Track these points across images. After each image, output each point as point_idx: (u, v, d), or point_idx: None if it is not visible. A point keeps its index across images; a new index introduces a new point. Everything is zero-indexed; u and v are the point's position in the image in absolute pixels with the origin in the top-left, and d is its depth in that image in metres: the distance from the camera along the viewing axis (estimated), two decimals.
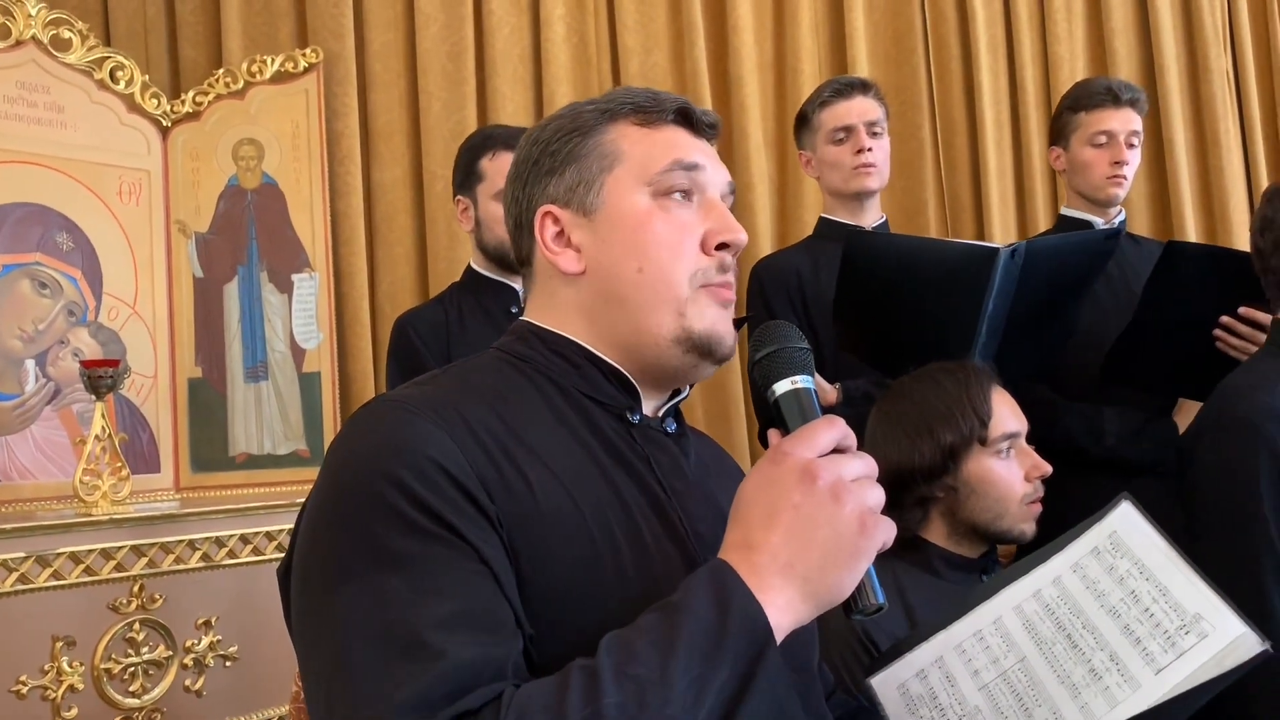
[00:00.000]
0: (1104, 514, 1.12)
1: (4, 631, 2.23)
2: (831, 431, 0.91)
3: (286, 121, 3.19)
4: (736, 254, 1.06)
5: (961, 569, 1.66)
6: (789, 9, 3.46)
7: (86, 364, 2.56)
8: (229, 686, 2.51)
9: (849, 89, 2.50)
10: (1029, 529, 1.66)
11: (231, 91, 3.21)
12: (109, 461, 2.55)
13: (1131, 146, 2.44)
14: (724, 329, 1.04)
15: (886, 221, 2.60)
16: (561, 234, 1.06)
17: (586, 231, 1.05)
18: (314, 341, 3.13)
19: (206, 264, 3.17)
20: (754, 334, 1.01)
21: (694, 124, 1.09)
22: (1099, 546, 1.10)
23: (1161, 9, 3.36)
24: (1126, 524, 1.09)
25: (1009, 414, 1.68)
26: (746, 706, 0.81)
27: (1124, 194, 2.48)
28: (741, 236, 1.05)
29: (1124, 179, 2.45)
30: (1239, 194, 3.29)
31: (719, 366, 1.07)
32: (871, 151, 2.45)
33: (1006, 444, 1.66)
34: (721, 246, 1.04)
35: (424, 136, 3.39)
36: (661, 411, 1.09)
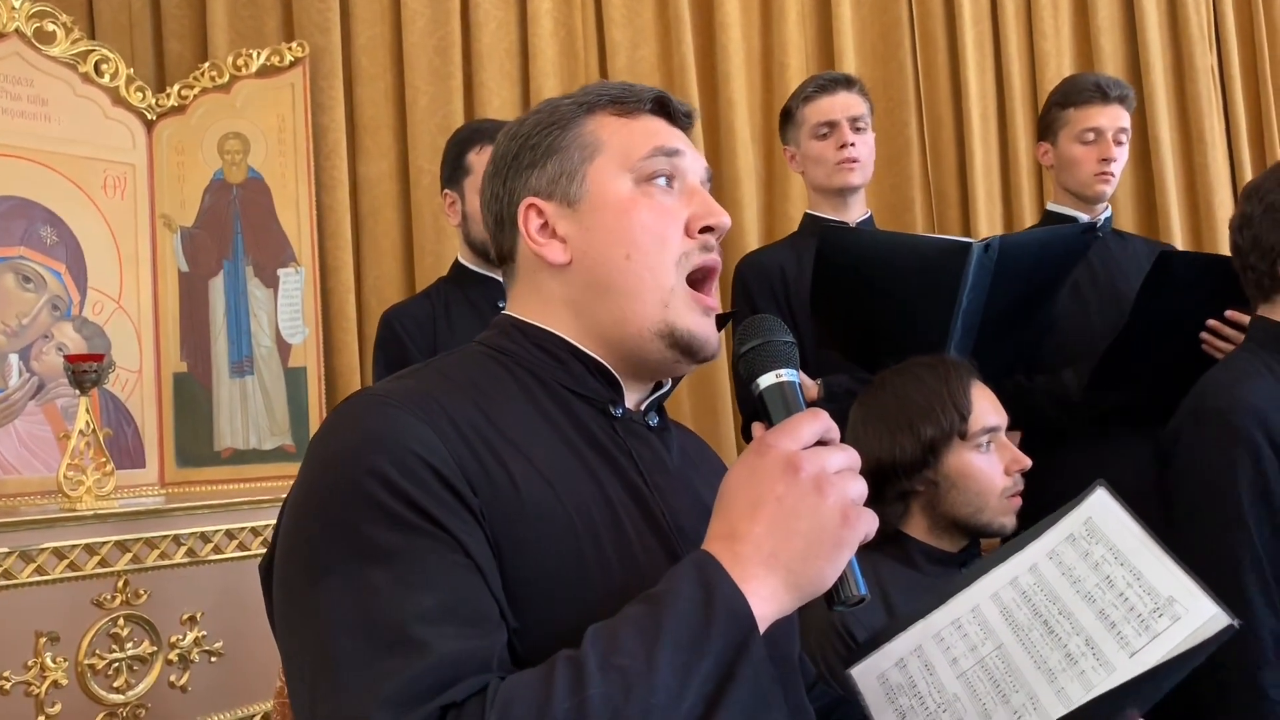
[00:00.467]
0: (1079, 501, 1.13)
1: None
2: (815, 424, 0.92)
3: (272, 115, 3.18)
4: (720, 237, 1.07)
5: (941, 563, 1.67)
6: (776, 5, 3.47)
7: (71, 358, 2.55)
8: (214, 682, 2.50)
9: (833, 84, 2.50)
10: (1009, 522, 1.67)
11: (217, 85, 3.21)
12: (93, 456, 2.54)
13: (1119, 143, 2.45)
14: (707, 332, 1.05)
15: (871, 217, 2.61)
16: (546, 226, 1.06)
17: (571, 221, 1.05)
18: (300, 336, 3.13)
19: (192, 258, 3.16)
20: (739, 328, 1.01)
21: (670, 113, 1.10)
22: (1074, 533, 1.11)
23: (1147, 6, 3.37)
24: (1101, 510, 1.10)
25: (989, 408, 1.69)
26: (731, 695, 0.81)
27: (1111, 190, 2.49)
28: (725, 219, 1.06)
29: (1111, 176, 2.45)
30: (1224, 191, 3.31)
31: (698, 365, 1.08)
32: (855, 147, 2.46)
33: (986, 438, 1.67)
34: (705, 231, 1.05)
35: (410, 131, 3.39)
36: (644, 405, 1.09)
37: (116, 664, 2.37)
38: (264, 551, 0.98)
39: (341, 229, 3.30)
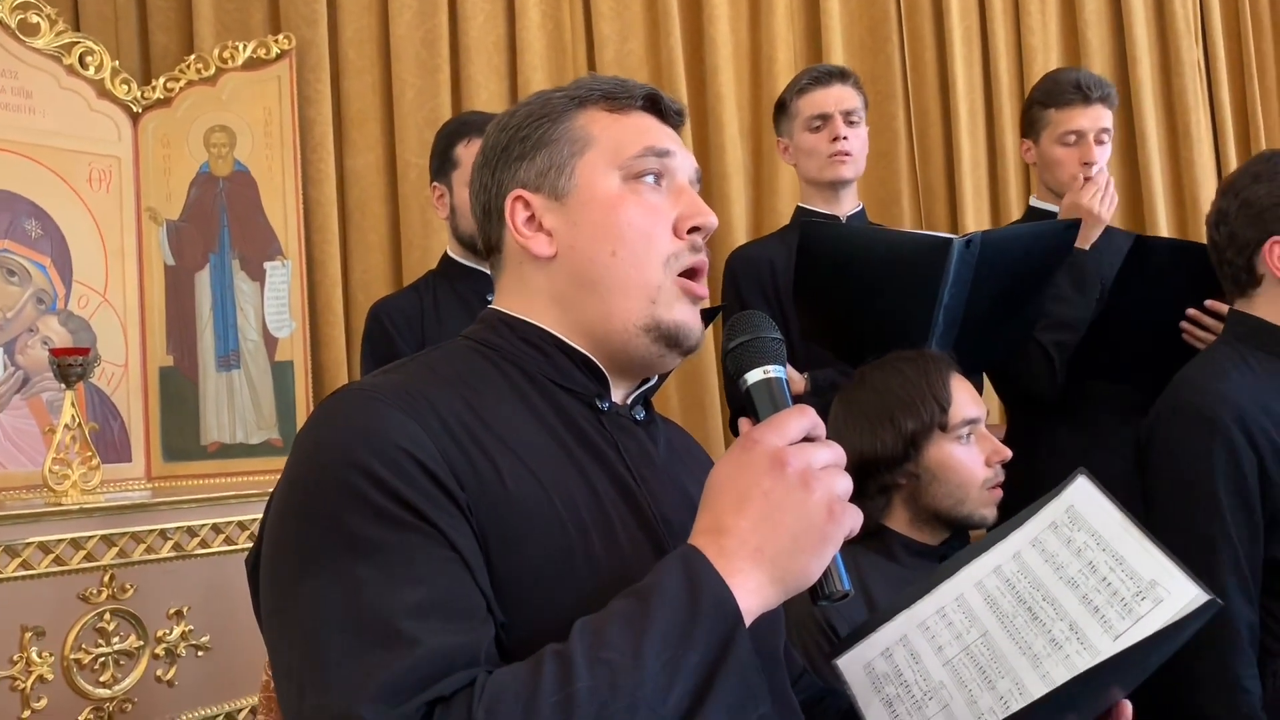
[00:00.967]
0: (1061, 489, 1.15)
1: None
2: (802, 420, 0.92)
3: (259, 108, 3.17)
4: (707, 236, 1.07)
5: (922, 555, 1.68)
6: None
7: (56, 352, 2.54)
8: (201, 677, 2.50)
9: (827, 77, 2.50)
10: (990, 514, 1.68)
11: (203, 78, 3.19)
12: (79, 451, 2.52)
13: (1101, 143, 2.45)
14: (693, 322, 1.05)
15: (863, 210, 2.61)
16: (533, 218, 1.06)
17: (558, 215, 1.05)
18: (286, 330, 3.12)
19: (178, 252, 3.15)
20: (728, 323, 1.02)
21: (662, 111, 1.11)
22: (1057, 521, 1.12)
23: (1134, 1, 3.38)
24: (1083, 498, 1.11)
25: (968, 400, 1.70)
26: (717, 688, 0.81)
27: None
28: (712, 220, 1.06)
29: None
30: (1209, 185, 3.32)
31: (684, 357, 1.08)
32: (847, 140, 2.46)
33: (967, 430, 1.68)
34: (693, 230, 1.05)
35: (397, 124, 3.38)
36: (630, 399, 1.09)
37: (103, 659, 2.36)
38: (251, 546, 0.98)
39: (328, 222, 3.29)
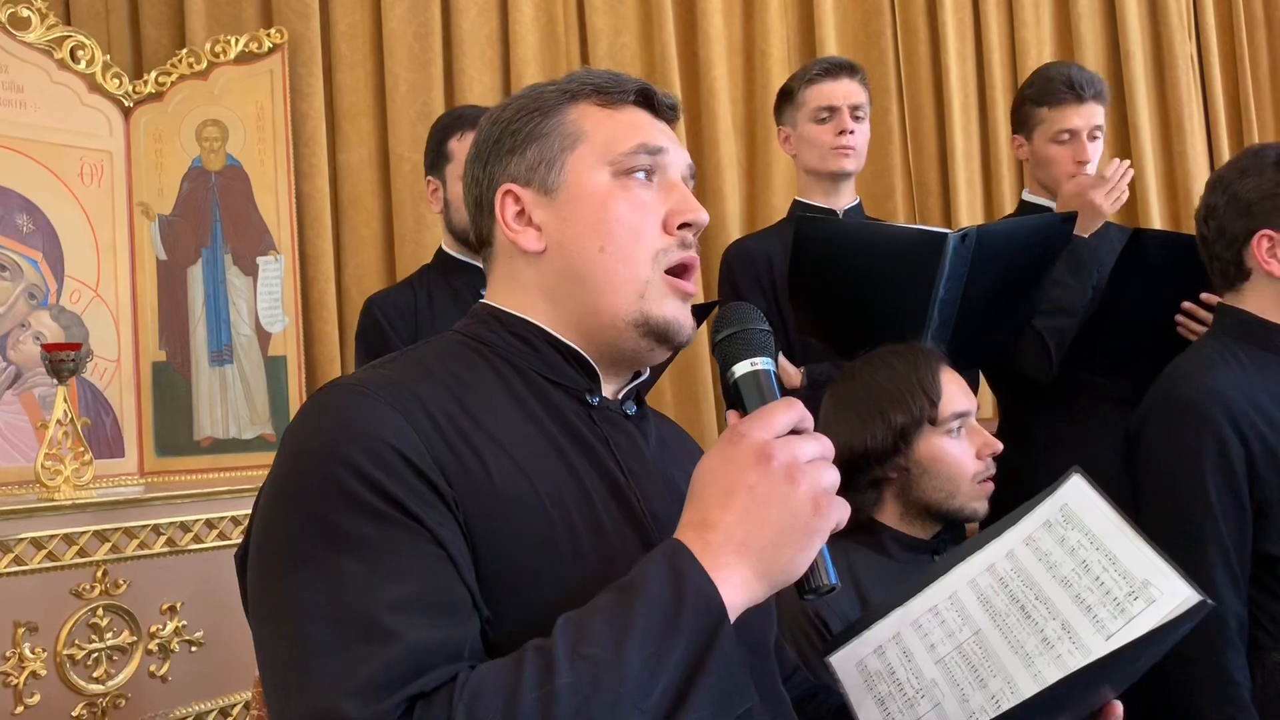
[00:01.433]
0: (1056, 487, 1.15)
1: None
2: (789, 413, 0.92)
3: (251, 103, 3.15)
4: (698, 233, 1.07)
5: (913, 550, 1.68)
6: None
7: (48, 347, 2.53)
8: (194, 672, 2.50)
9: (837, 69, 2.51)
10: (981, 508, 1.68)
11: (195, 72, 3.17)
12: (71, 446, 2.52)
13: (1094, 139, 2.45)
14: (683, 318, 1.05)
15: (860, 204, 2.61)
16: (522, 213, 1.06)
17: (547, 210, 1.05)
18: (280, 325, 3.11)
19: (170, 246, 3.14)
20: (716, 316, 1.01)
21: (655, 106, 1.10)
22: (1050, 519, 1.13)
23: None
24: (1077, 496, 1.12)
25: (958, 393, 1.70)
26: (700, 684, 0.81)
27: None
28: (703, 216, 1.06)
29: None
30: (1202, 178, 3.32)
31: (674, 352, 1.08)
32: (853, 134, 2.46)
33: (957, 423, 1.68)
34: (684, 227, 1.05)
35: (390, 118, 3.37)
36: (621, 394, 1.09)
37: (96, 654, 2.36)
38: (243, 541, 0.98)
39: (321, 217, 3.28)
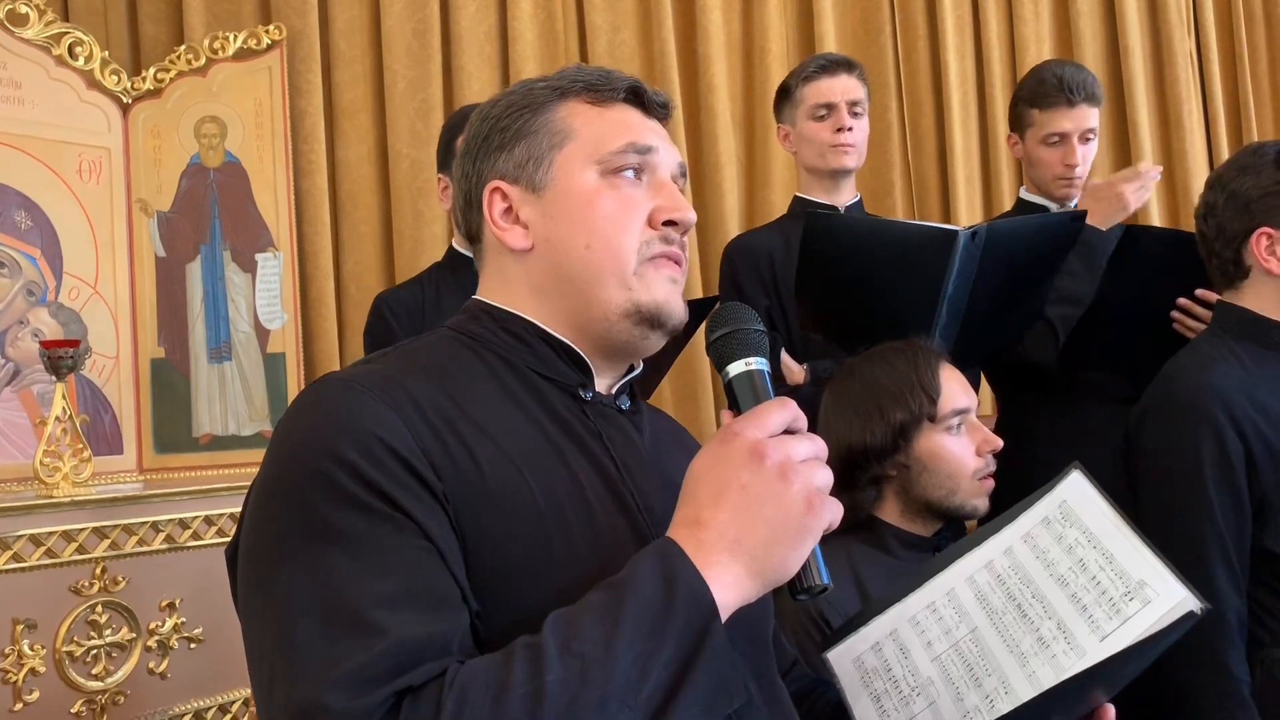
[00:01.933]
0: (1055, 484, 1.14)
1: None
2: (782, 413, 0.92)
3: (249, 99, 3.15)
4: (684, 232, 1.06)
5: (914, 547, 1.68)
6: None
7: (46, 344, 2.53)
8: (193, 669, 2.50)
9: (835, 66, 2.50)
10: (981, 504, 1.68)
11: (193, 69, 3.17)
12: (70, 443, 2.52)
13: (1087, 141, 2.44)
14: (673, 300, 1.04)
15: (860, 201, 2.61)
16: (510, 210, 1.06)
17: (535, 208, 1.05)
18: (278, 322, 3.11)
19: (169, 243, 3.13)
20: (711, 316, 1.01)
21: (645, 104, 1.09)
22: (1049, 516, 1.12)
23: None
24: (1077, 492, 1.11)
25: (958, 390, 1.69)
26: (691, 682, 0.81)
27: (1077, 193, 2.46)
28: (690, 215, 1.05)
29: (1075, 179, 2.44)
30: (1202, 176, 3.32)
31: (669, 338, 1.07)
32: (851, 131, 2.46)
33: (956, 420, 1.68)
34: (669, 224, 1.04)
35: (389, 114, 3.37)
36: (615, 389, 1.09)
37: (95, 651, 2.36)
38: None
39: (320, 214, 3.28)
